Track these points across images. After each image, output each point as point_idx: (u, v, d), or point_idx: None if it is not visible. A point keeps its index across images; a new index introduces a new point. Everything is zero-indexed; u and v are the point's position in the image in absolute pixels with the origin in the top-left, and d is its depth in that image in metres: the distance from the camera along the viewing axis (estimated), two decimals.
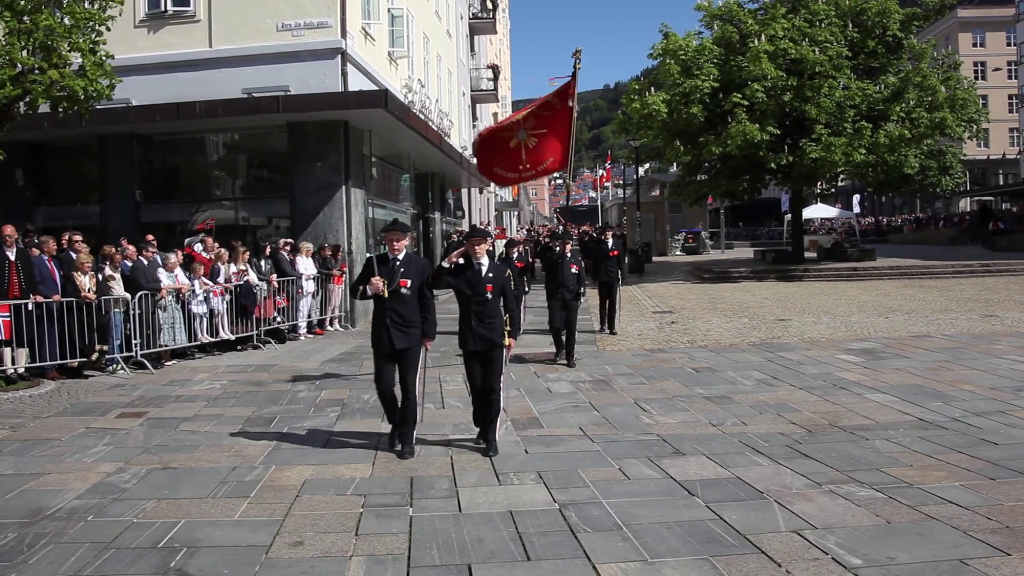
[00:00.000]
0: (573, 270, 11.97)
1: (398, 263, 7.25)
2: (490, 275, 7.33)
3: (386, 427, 8.19)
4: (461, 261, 7.36)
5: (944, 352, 11.71)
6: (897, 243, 48.65)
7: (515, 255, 15.31)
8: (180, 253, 13.71)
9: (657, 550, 4.90)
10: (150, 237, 13.46)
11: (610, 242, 15.03)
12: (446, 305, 13.62)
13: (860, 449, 6.95)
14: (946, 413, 8.11)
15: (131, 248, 12.74)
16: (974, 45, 67.23)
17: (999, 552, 4.71)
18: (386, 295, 7.16)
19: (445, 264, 7.40)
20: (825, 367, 10.86)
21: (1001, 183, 63.12)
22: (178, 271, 13.04)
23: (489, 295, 7.26)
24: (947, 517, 5.27)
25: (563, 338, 11.89)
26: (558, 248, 13.40)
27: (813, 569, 4.57)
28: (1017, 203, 53.46)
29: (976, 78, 50.46)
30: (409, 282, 7.23)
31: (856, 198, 58.84)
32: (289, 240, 16.12)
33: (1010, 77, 64.15)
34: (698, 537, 5.08)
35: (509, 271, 7.61)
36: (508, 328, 7.37)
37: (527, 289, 15.89)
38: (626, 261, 15.97)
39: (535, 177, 12.31)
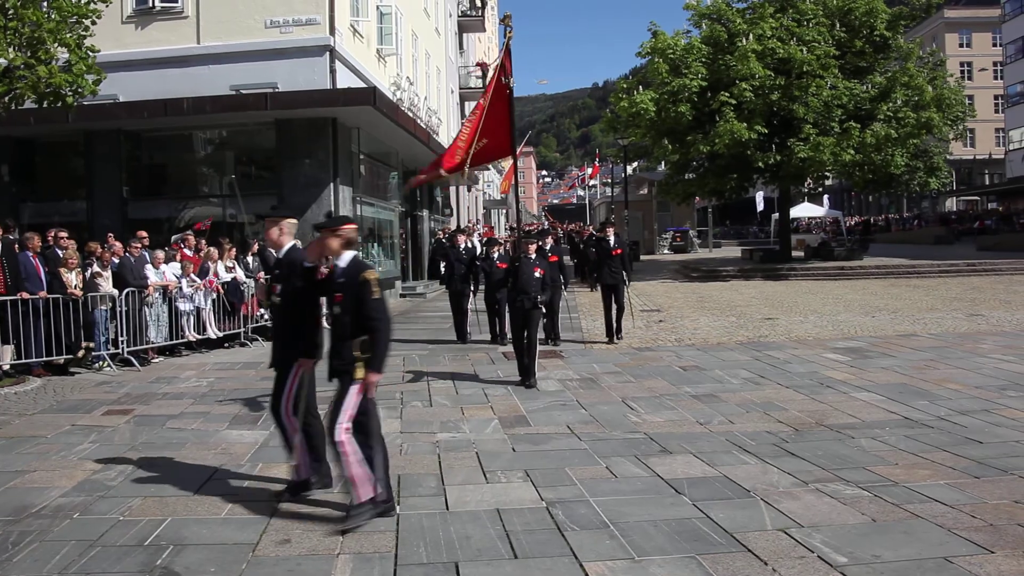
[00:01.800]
0: (536, 274, 10.19)
1: (279, 262, 5.88)
2: (340, 280, 5.51)
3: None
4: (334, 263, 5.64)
5: (930, 351, 11.77)
6: (883, 242, 48.91)
7: (496, 255, 13.41)
8: (178, 253, 13.66)
9: (644, 548, 4.91)
10: (142, 234, 13.34)
11: (612, 240, 13.45)
12: (434, 303, 13.57)
13: (846, 448, 6.98)
14: (931, 412, 8.15)
15: (118, 245, 12.68)
16: (960, 45, 67.68)
17: (983, 550, 4.74)
18: (266, 303, 5.91)
19: (307, 264, 5.82)
20: (812, 366, 10.90)
21: (987, 183, 63.55)
22: (164, 268, 12.97)
23: (337, 308, 5.53)
24: (932, 515, 5.30)
25: (524, 355, 10.11)
26: (547, 246, 13.22)
27: (799, 567, 4.59)
28: (1003, 203, 53.90)
29: (962, 78, 50.76)
30: (280, 287, 5.82)
31: (826, 198, 58.96)
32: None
33: (996, 77, 64.60)
34: (685, 535, 5.09)
35: (368, 275, 5.46)
36: (362, 354, 5.49)
37: None
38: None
39: (483, 162, 10.77)
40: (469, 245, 14.90)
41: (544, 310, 10.52)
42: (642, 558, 4.77)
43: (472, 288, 14.10)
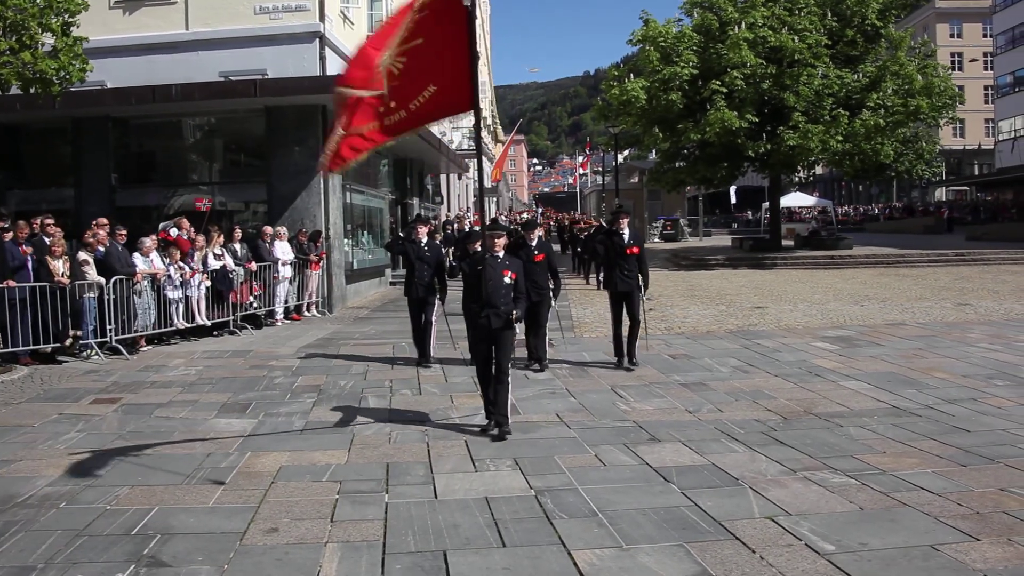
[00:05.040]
0: (507, 279, 7.52)
1: None
2: None
3: (364, 415, 8.20)
4: None
5: (918, 340, 11.81)
6: (873, 232, 49.11)
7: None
8: (155, 238, 13.56)
9: (632, 536, 4.91)
10: (123, 231, 13.11)
11: (626, 234, 10.50)
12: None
13: (834, 436, 7.00)
14: (919, 400, 8.19)
15: (102, 233, 12.55)
16: (951, 36, 67.81)
17: (969, 537, 4.76)
18: None
19: None
20: (801, 354, 10.93)
21: (976, 173, 63.76)
22: (153, 256, 12.90)
23: None
24: (919, 503, 5.32)
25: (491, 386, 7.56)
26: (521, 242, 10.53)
27: (787, 555, 4.60)
28: (991, 193, 54.13)
29: (953, 69, 50.84)
30: None
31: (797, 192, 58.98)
32: (267, 231, 15.92)
33: (986, 68, 64.65)
34: (673, 523, 5.10)
35: None
36: None
37: None
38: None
39: (435, 118, 7.38)
40: (426, 239, 11.25)
41: (518, 330, 7.84)
42: (630, 546, 4.78)
43: (439, 295, 10.87)
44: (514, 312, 7.43)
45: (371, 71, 6.44)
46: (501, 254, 7.65)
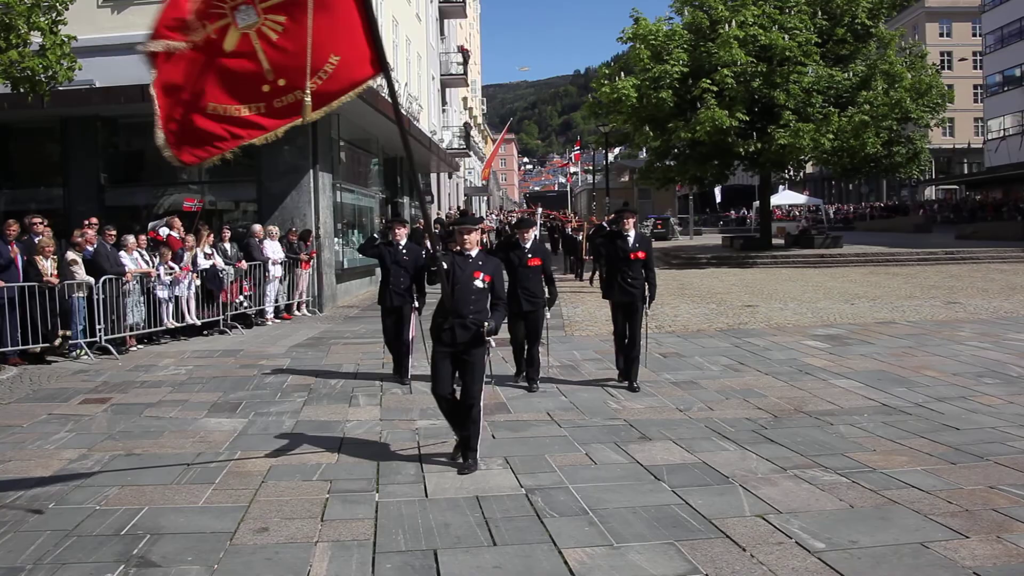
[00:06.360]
0: (478, 282, 6.31)
1: None
2: None
3: (355, 414, 8.19)
4: None
5: (908, 338, 11.85)
6: (863, 230, 49.28)
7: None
8: (145, 238, 13.51)
9: (623, 535, 4.91)
10: (111, 231, 13.03)
11: (631, 236, 9.02)
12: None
13: (824, 434, 7.02)
14: (909, 399, 8.21)
15: (91, 232, 12.50)
16: (941, 35, 68.09)
17: (958, 535, 4.78)
18: None
19: None
20: (791, 353, 10.95)
21: (966, 172, 64.03)
22: (137, 254, 12.83)
23: None
24: (909, 501, 5.34)
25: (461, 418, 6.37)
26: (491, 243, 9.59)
27: (777, 553, 4.60)
28: (980, 192, 54.41)
29: (942, 68, 51.04)
30: None
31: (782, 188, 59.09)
32: (258, 231, 15.87)
33: (975, 67, 64.92)
34: (664, 522, 5.10)
35: None
36: None
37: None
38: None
39: (317, 107, 5.42)
40: (405, 241, 9.95)
41: (493, 344, 6.36)
42: (621, 544, 4.78)
43: (416, 304, 9.73)
44: (485, 323, 6.20)
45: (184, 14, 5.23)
46: (474, 252, 6.47)
